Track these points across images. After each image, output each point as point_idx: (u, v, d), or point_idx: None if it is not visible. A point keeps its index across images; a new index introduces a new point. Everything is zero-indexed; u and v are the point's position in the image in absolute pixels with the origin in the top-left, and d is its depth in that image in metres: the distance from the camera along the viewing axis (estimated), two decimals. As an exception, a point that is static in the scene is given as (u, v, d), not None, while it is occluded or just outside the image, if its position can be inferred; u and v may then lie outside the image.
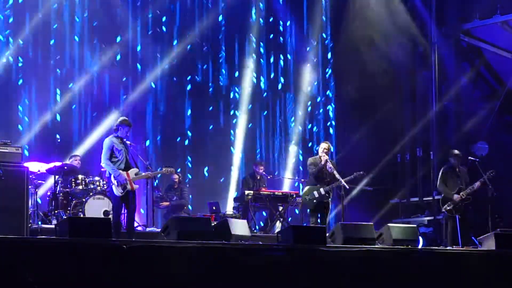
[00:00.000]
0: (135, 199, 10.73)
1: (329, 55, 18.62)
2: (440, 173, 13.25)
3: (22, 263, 6.65)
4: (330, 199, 12.43)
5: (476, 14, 17.40)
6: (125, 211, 10.91)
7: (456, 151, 13.35)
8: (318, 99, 18.48)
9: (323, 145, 12.48)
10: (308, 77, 18.29)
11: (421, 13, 17.94)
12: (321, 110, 18.49)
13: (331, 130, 18.49)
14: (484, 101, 17.81)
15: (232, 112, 17.47)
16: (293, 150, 18.01)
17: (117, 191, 10.50)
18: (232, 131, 17.41)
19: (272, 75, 18.12)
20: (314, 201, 12.26)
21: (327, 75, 18.63)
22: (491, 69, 17.73)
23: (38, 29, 15.12)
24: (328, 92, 18.61)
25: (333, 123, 18.49)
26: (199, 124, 17.03)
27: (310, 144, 18.17)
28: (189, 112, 16.97)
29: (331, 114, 18.58)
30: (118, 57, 15.98)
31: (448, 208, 12.90)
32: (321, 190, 12.23)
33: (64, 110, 15.29)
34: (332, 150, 13.62)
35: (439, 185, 13.22)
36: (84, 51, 15.66)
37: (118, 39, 15.96)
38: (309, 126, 18.30)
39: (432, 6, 17.68)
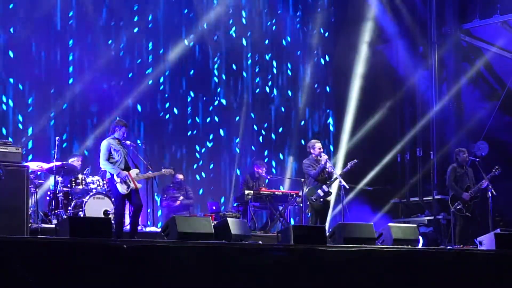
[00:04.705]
0: (140, 198, 10.66)
1: (329, 55, 18.61)
2: (449, 171, 13.17)
3: (22, 263, 6.64)
4: (331, 197, 12.47)
5: (476, 14, 17.40)
6: (129, 210, 10.88)
7: (463, 148, 13.45)
8: (318, 99, 18.51)
9: (318, 145, 12.41)
10: (308, 76, 18.28)
11: (421, 13, 17.94)
12: (321, 110, 18.50)
13: (331, 128, 18.49)
14: (484, 101, 17.79)
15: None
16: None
17: (121, 188, 10.42)
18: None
19: (271, 75, 18.13)
20: (321, 199, 12.24)
21: (327, 75, 18.64)
22: (491, 69, 17.71)
23: (40, 25, 15.11)
24: (328, 91, 18.61)
25: (333, 122, 18.49)
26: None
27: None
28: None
29: (331, 113, 18.58)
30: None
31: (458, 207, 12.79)
32: (324, 187, 12.24)
33: (65, 109, 15.29)
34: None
35: (449, 183, 13.09)
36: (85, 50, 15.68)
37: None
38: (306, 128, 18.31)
39: (432, 6, 17.66)
